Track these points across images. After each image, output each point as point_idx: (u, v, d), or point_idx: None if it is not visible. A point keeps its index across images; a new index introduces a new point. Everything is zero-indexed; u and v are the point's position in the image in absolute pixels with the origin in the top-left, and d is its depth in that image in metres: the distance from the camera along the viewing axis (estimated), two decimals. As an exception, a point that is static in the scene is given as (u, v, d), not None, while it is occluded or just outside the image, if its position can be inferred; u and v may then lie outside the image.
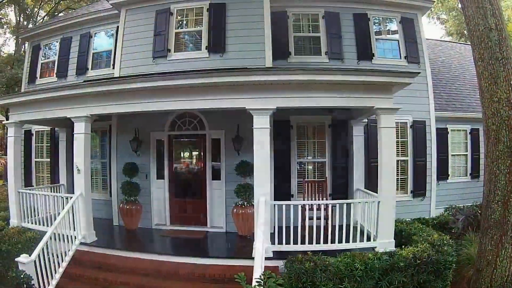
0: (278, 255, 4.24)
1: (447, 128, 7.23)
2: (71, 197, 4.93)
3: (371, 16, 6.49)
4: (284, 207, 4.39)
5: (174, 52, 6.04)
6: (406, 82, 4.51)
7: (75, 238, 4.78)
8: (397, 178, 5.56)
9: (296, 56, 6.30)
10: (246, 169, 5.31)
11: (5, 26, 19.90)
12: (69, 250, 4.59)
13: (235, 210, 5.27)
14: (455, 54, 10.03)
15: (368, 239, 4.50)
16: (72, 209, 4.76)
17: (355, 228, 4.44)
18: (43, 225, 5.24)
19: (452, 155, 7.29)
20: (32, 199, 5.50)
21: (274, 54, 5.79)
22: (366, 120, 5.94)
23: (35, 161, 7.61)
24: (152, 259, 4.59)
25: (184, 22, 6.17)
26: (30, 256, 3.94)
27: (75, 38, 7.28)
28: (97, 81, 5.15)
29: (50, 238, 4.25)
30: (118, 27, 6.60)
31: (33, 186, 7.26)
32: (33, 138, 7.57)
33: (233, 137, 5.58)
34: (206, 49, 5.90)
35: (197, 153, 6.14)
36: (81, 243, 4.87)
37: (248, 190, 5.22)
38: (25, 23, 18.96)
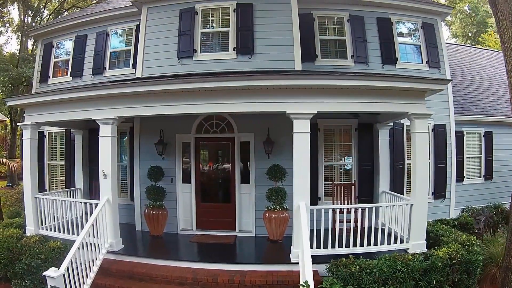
0: (313, 259, 4.21)
1: (462, 131, 7.44)
2: (96, 204, 4.73)
3: (394, 20, 6.55)
4: (322, 211, 4.41)
5: (200, 52, 5.89)
6: (440, 88, 4.60)
7: (102, 246, 4.58)
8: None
9: (323, 59, 6.28)
10: (278, 173, 5.25)
11: (7, 25, 19.13)
12: (96, 259, 4.39)
13: (267, 214, 5.20)
14: (466, 57, 10.25)
15: (401, 241, 4.55)
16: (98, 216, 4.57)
17: (383, 230, 4.48)
18: (63, 232, 5.04)
19: (467, 157, 7.50)
20: (50, 205, 5.25)
21: (302, 57, 5.73)
22: (392, 124, 6.01)
23: (48, 164, 7.27)
24: (185, 267, 4.45)
25: (210, 22, 6.02)
26: (58, 268, 3.73)
27: (90, 36, 6.98)
28: (128, 82, 4.93)
29: (78, 248, 4.05)
30: (137, 25, 6.40)
31: (46, 190, 6.96)
32: (46, 139, 7.21)
33: (263, 140, 5.50)
34: (233, 50, 5.78)
35: (225, 156, 6.01)
36: (108, 252, 4.68)
37: (280, 194, 5.17)
38: (29, 20, 18.27)
